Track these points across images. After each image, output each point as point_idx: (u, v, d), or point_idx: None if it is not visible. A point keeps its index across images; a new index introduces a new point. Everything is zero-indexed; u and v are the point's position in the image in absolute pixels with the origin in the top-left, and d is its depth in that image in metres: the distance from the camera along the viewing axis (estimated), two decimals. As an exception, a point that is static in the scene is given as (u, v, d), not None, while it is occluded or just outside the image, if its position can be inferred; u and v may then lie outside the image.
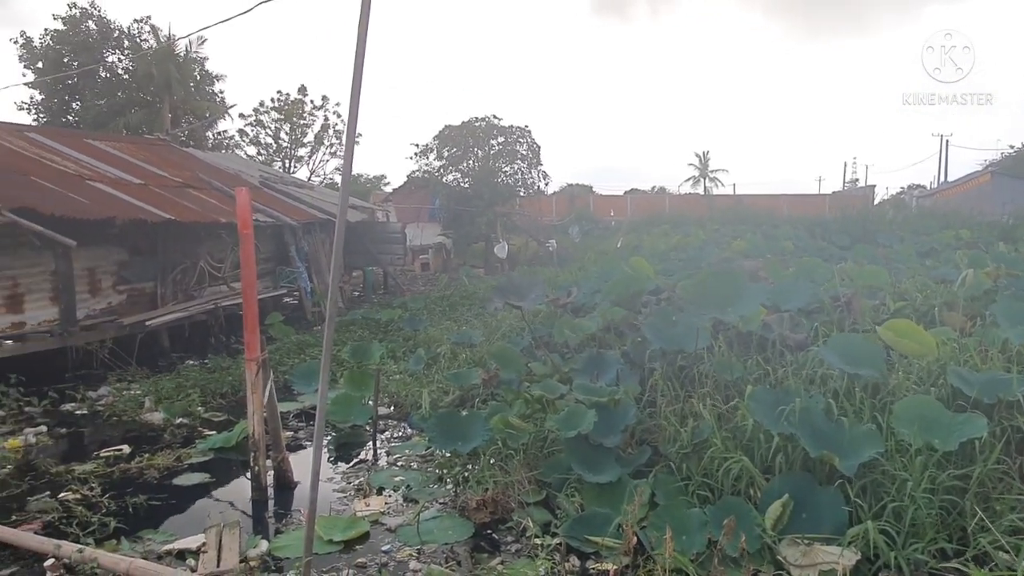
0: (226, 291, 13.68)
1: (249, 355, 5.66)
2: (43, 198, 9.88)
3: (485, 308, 13.68)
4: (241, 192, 5.75)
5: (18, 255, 9.70)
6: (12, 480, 6.14)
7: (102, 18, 30.18)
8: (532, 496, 5.34)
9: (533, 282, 9.22)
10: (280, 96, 39.41)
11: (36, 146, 12.97)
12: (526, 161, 26.64)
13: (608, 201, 43.29)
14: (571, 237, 29.35)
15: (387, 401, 8.52)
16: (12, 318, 9.68)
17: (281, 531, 5.25)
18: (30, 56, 29.25)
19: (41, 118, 29.82)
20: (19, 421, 8.05)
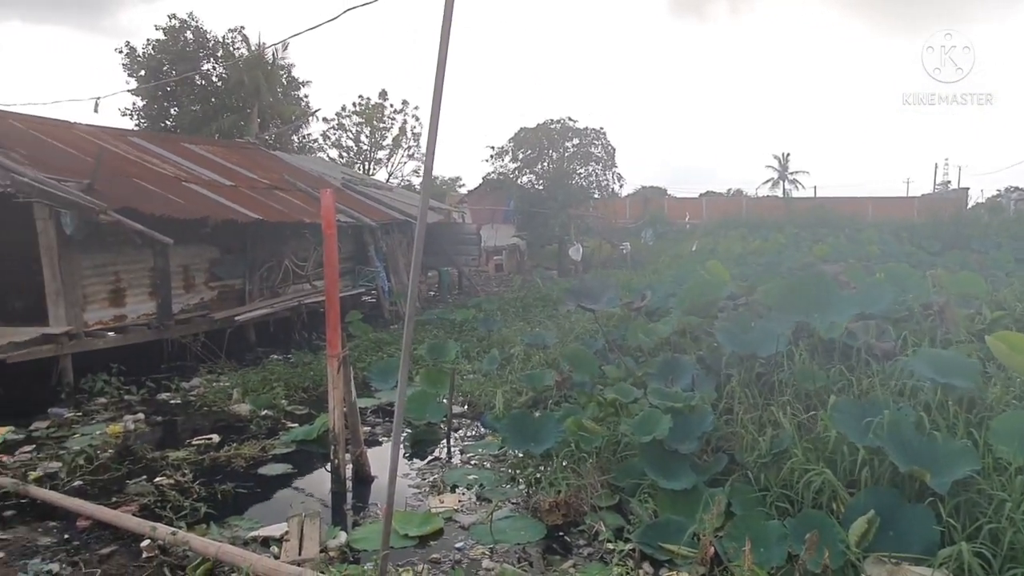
0: (308, 289, 14.16)
1: (331, 352, 5.86)
2: (144, 199, 10.50)
3: (558, 310, 13.69)
4: (326, 193, 5.95)
5: (121, 252, 10.34)
6: (113, 464, 6.52)
7: (199, 28, 31.78)
8: (605, 500, 5.31)
9: (606, 285, 9.17)
10: (361, 100, 40.54)
11: (138, 150, 13.79)
12: (601, 163, 26.48)
13: (683, 204, 42.52)
14: (645, 240, 29.00)
15: (461, 400, 8.64)
16: (114, 311, 10.32)
17: (359, 523, 5.39)
18: (133, 65, 31.07)
19: (142, 123, 31.63)
20: (119, 408, 8.57)
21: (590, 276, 18.23)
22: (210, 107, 31.61)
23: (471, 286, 20.35)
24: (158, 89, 30.03)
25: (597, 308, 8.46)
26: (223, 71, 31.51)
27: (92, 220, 9.15)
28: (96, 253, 9.96)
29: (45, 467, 6.34)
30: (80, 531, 5.05)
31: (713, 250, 20.35)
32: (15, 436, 7.30)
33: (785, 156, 58.22)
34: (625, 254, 25.77)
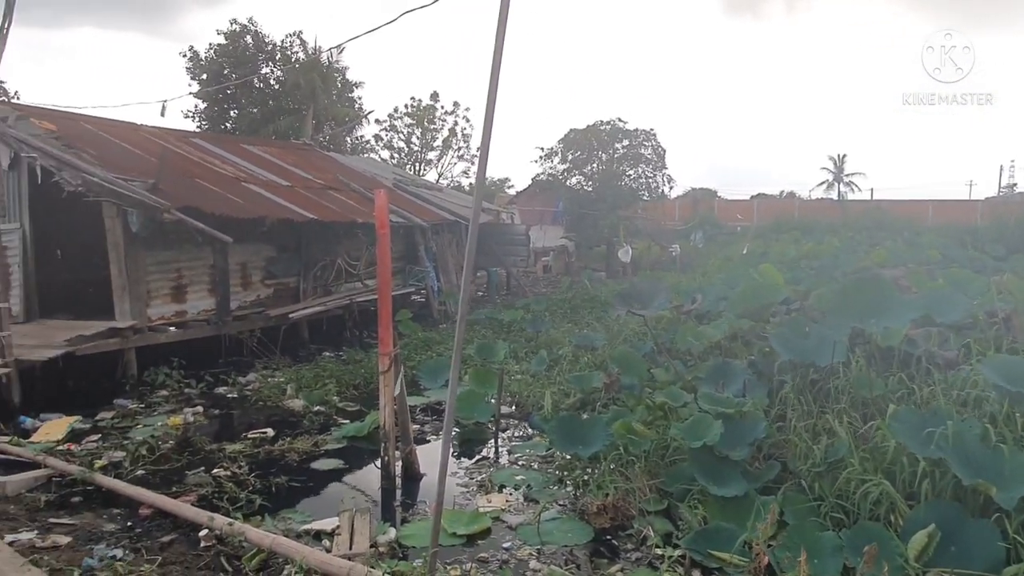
0: (360, 288, 14.41)
1: (382, 350, 5.95)
2: (205, 198, 10.84)
3: (607, 312, 13.64)
4: (380, 194, 6.05)
5: (183, 250, 10.70)
6: (173, 454, 6.72)
7: (258, 33, 32.66)
8: (653, 505, 5.27)
9: (657, 289, 9.09)
10: (413, 102, 41.08)
11: (200, 151, 14.24)
12: (650, 164, 26.28)
13: (733, 206, 41.82)
14: (694, 242, 28.63)
15: (509, 400, 8.66)
16: (176, 307, 10.69)
17: (408, 520, 5.47)
18: (196, 68, 32.13)
19: (203, 125, 32.66)
20: (180, 401, 8.87)
21: (639, 279, 18.09)
22: (268, 109, 32.48)
23: (519, 287, 20.40)
24: (219, 92, 30.96)
25: (647, 313, 8.37)
26: (280, 74, 32.33)
27: (156, 219, 9.49)
28: (159, 251, 10.34)
29: (110, 456, 6.60)
30: (142, 519, 5.24)
31: (764, 253, 19.96)
32: (82, 425, 7.62)
33: (841, 157, 56.46)
34: (674, 256, 25.49)
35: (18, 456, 6.40)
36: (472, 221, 3.74)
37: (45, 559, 4.25)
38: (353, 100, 36.19)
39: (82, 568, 4.20)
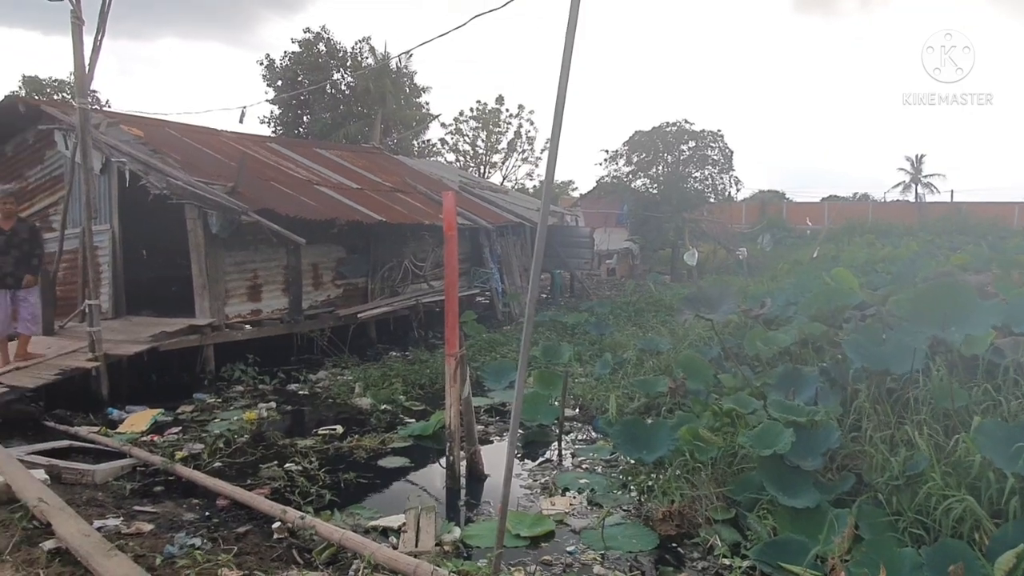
0: (426, 288, 14.62)
1: (449, 350, 6.03)
2: (280, 201, 11.21)
3: (672, 316, 13.45)
4: (448, 196, 6.13)
5: (259, 251, 11.10)
6: (248, 448, 6.99)
7: (330, 40, 33.63)
8: (720, 513, 5.17)
9: (725, 293, 8.89)
10: (479, 105, 41.48)
11: (275, 155, 14.75)
12: (717, 166, 25.75)
13: (803, 208, 40.57)
14: (762, 246, 27.92)
15: (573, 403, 8.65)
16: (252, 306, 11.09)
17: (472, 520, 5.52)
18: (271, 76, 33.32)
19: (278, 130, 33.84)
20: (254, 396, 9.20)
21: (705, 282, 17.78)
22: (339, 114, 33.39)
23: (583, 289, 20.33)
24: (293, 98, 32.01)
25: (716, 318, 8.21)
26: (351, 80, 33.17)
27: (235, 220, 9.87)
28: (237, 251, 10.75)
29: (190, 448, 6.88)
30: (219, 509, 5.43)
31: (836, 257, 19.28)
32: (164, 418, 7.99)
33: (919, 158, 54.09)
34: (741, 260, 24.94)
35: (106, 446, 6.76)
36: (540, 224, 3.76)
37: (130, 545, 4.45)
38: (420, 104, 36.82)
39: (164, 555, 4.38)
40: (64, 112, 11.06)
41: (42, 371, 8.15)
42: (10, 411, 7.57)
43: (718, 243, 27.57)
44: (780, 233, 32.10)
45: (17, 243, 8.17)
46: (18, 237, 8.18)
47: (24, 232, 8.26)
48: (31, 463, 5.75)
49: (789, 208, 40.71)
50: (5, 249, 8.11)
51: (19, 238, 8.18)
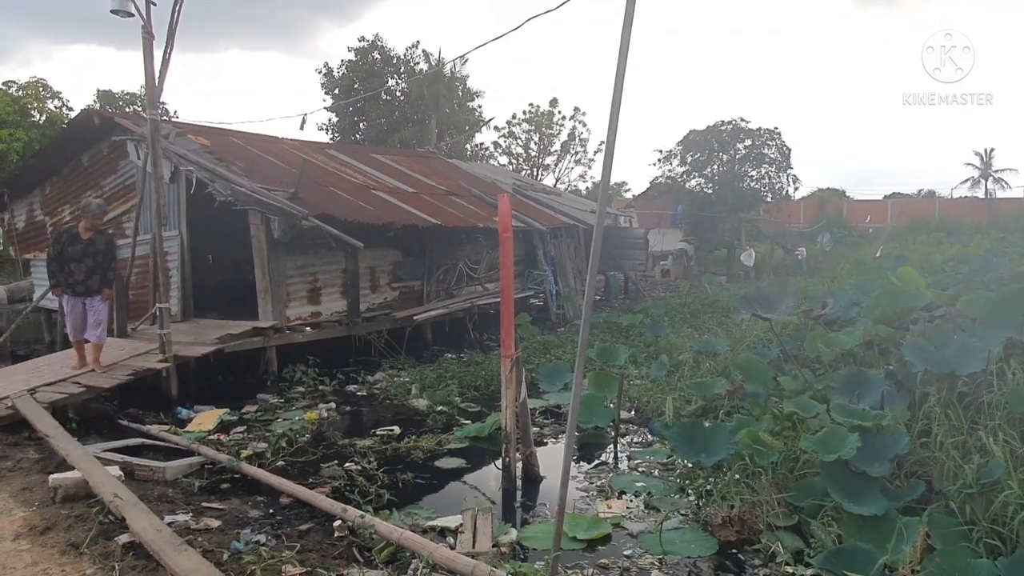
0: (480, 291, 14.73)
1: (504, 352, 6.06)
2: (338, 206, 11.46)
3: (729, 317, 13.20)
4: (503, 198, 6.17)
5: (318, 255, 11.37)
6: (309, 447, 7.15)
7: (384, 48, 34.23)
8: (782, 519, 5.05)
9: (784, 292, 8.68)
10: (531, 108, 41.55)
11: (334, 161, 15.08)
12: (774, 165, 25.15)
13: (864, 206, 39.32)
14: (821, 245, 27.13)
15: (628, 405, 8.58)
16: (312, 308, 11.37)
17: (528, 522, 5.52)
18: (329, 84, 34.11)
19: (336, 136, 34.62)
20: (314, 397, 9.42)
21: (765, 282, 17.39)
22: (393, 120, 33.95)
23: (637, 291, 20.14)
24: (349, 105, 32.67)
25: (774, 317, 8.03)
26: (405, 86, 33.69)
27: (296, 225, 10.13)
28: (298, 255, 11.03)
29: (254, 447, 7.07)
30: (283, 507, 5.57)
31: (901, 256, 18.62)
32: (230, 417, 8.25)
33: (988, 152, 51.51)
34: (800, 260, 24.30)
35: (175, 444, 7.02)
36: (597, 225, 3.75)
37: (199, 540, 4.59)
38: (473, 109, 37.12)
39: (231, 551, 4.51)
40: (135, 123, 11.55)
41: (116, 372, 8.53)
42: (87, 410, 7.94)
43: (775, 243, 26.94)
44: (840, 232, 31.15)
45: (92, 253, 8.39)
46: (94, 247, 8.40)
47: (100, 243, 8.48)
48: (107, 460, 6.01)
49: (849, 206, 39.53)
50: (80, 258, 8.33)
51: (94, 248, 8.40)
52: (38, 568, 4.13)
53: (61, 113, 28.24)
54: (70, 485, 5.22)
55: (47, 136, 23.85)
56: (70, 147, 12.91)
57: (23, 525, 4.73)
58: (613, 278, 19.76)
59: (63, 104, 29.21)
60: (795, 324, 9.93)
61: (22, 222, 14.47)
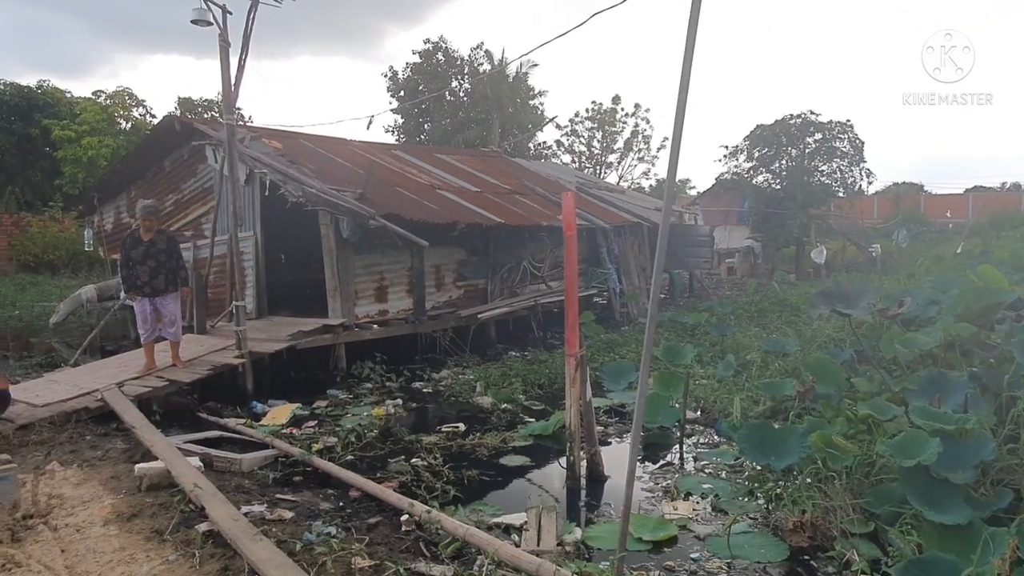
0: (544, 289, 14.75)
1: (569, 350, 6.05)
2: (404, 205, 11.67)
3: (804, 315, 12.85)
4: (568, 196, 6.16)
5: (385, 254, 11.60)
6: (376, 443, 7.29)
7: (448, 50, 34.64)
8: (857, 526, 4.88)
9: (863, 289, 8.39)
10: (594, 106, 41.30)
11: (400, 162, 15.36)
12: (846, 159, 24.24)
13: (943, 201, 37.50)
14: (897, 242, 26.03)
15: (694, 405, 8.44)
16: (379, 306, 11.62)
17: (593, 521, 5.51)
18: (395, 86, 34.74)
19: (401, 137, 35.25)
20: (382, 393, 9.61)
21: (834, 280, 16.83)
22: (457, 120, 34.35)
23: (703, 289, 19.79)
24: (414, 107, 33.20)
25: (855, 314, 7.75)
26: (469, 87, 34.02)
27: (364, 225, 10.36)
28: (365, 254, 11.29)
29: (325, 441, 7.27)
30: (352, 500, 5.70)
31: (984, 252, 17.69)
32: (302, 412, 8.50)
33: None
34: (874, 257, 23.39)
35: (251, 437, 7.28)
36: (663, 223, 3.71)
37: (272, 531, 4.73)
38: (536, 108, 37.17)
39: (303, 541, 4.64)
40: (213, 129, 12.03)
41: (196, 367, 8.91)
42: (170, 403, 8.32)
43: (848, 239, 26.01)
44: (917, 228, 29.85)
45: (153, 253, 8.49)
46: (155, 248, 8.51)
47: (161, 243, 8.58)
48: (187, 451, 6.29)
49: (927, 201, 37.81)
50: (143, 259, 8.47)
51: (155, 248, 8.51)
52: (125, 553, 4.36)
53: (145, 120, 29.68)
54: (154, 474, 5.49)
55: (132, 142, 25.11)
56: (153, 152, 13.56)
57: (111, 512, 4.99)
58: (678, 276, 19.47)
59: (147, 112, 30.73)
60: (869, 323, 9.58)
61: (110, 224, 15.27)
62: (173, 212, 13.38)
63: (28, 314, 16.77)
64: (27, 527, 4.72)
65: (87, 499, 5.25)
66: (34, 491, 5.37)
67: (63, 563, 4.23)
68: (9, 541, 4.49)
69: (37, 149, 27.87)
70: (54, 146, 26.53)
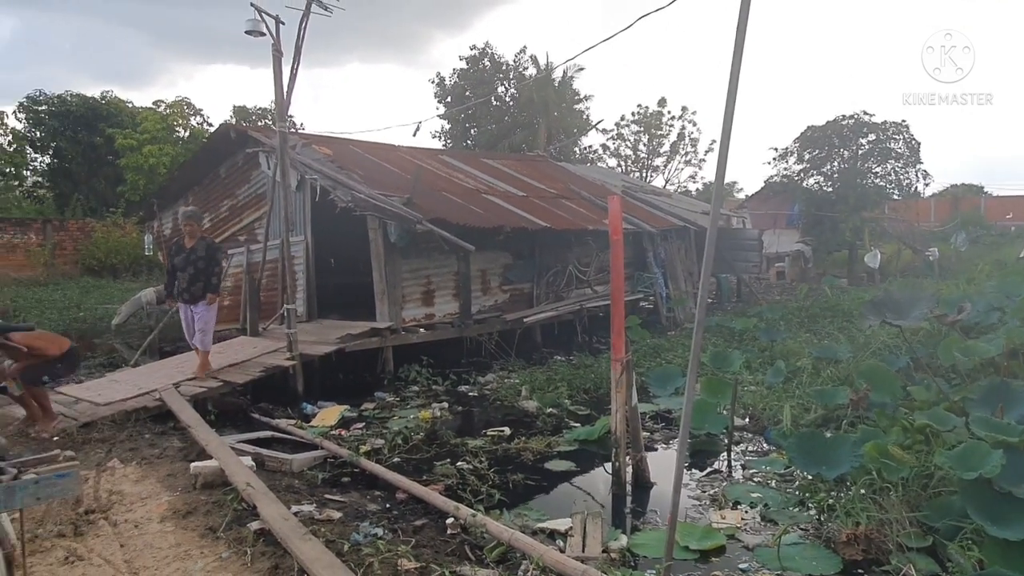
0: (590, 294, 14.69)
1: (615, 355, 6.01)
2: (451, 210, 11.78)
3: (856, 321, 12.49)
4: (614, 200, 6.13)
5: (432, 258, 11.73)
6: (423, 445, 7.36)
7: (494, 55, 34.87)
8: (914, 540, 4.71)
9: (916, 296, 8.11)
10: (640, 109, 41.02)
11: (446, 166, 15.51)
12: (901, 160, 23.52)
13: (1006, 203, 36.07)
14: (955, 245, 25.11)
15: (742, 412, 8.30)
16: (426, 310, 11.74)
17: (639, 528, 5.45)
18: (442, 92, 35.14)
19: (448, 143, 35.58)
20: (428, 396, 9.70)
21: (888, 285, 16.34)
22: (503, 125, 34.54)
23: (751, 294, 19.44)
24: (461, 112, 33.50)
25: (906, 324, 7.50)
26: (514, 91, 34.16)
27: (411, 230, 10.50)
28: (413, 259, 11.43)
29: (372, 443, 7.37)
30: (398, 502, 5.75)
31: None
32: (350, 414, 8.65)
33: None
34: (931, 261, 22.62)
35: (301, 437, 7.44)
36: (711, 227, 3.68)
37: (321, 530, 4.80)
38: (581, 112, 37.11)
39: (351, 542, 4.71)
40: (266, 136, 12.34)
41: (249, 368, 9.15)
42: (224, 403, 8.56)
43: (903, 243, 25.22)
44: (977, 231, 28.75)
45: (193, 260, 8.59)
46: (195, 255, 8.60)
47: (201, 250, 8.65)
48: (240, 450, 6.45)
49: (988, 203, 36.42)
50: (183, 266, 8.61)
51: (195, 256, 8.60)
52: (180, 549, 4.50)
53: (202, 128, 30.64)
54: (208, 473, 5.65)
55: (190, 150, 25.95)
56: (209, 160, 13.98)
57: (168, 509, 5.16)
58: (725, 281, 19.18)
59: (204, 120, 31.72)
60: (926, 330, 9.29)
61: (168, 229, 15.79)
62: (228, 217, 13.76)
63: (92, 316, 17.44)
64: (89, 522, 4.91)
65: (145, 496, 5.43)
66: (96, 487, 5.58)
67: (122, 557, 4.39)
68: (72, 535, 4.68)
69: (101, 157, 29.04)
70: (117, 154, 27.61)
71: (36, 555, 4.33)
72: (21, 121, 29.19)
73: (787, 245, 26.24)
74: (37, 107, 28.96)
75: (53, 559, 4.31)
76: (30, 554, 4.30)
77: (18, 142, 28.88)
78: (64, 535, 4.66)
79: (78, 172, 29.23)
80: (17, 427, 7.12)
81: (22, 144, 29.12)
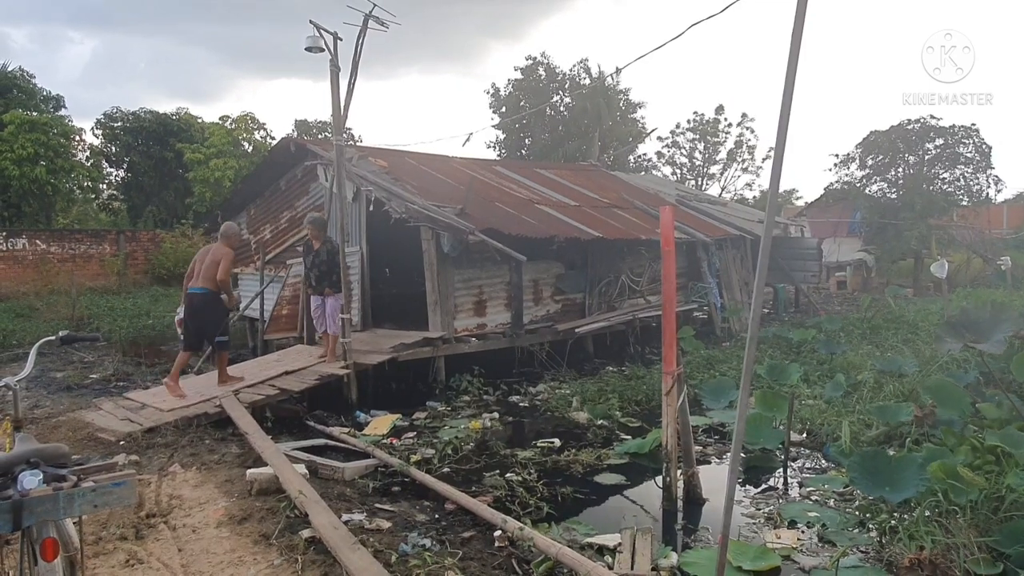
0: (642, 304, 14.52)
1: (666, 368, 5.92)
2: (503, 220, 11.83)
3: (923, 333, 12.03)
4: (665, 211, 6.05)
5: (484, 268, 11.79)
6: (472, 456, 7.37)
7: (549, 65, 34.98)
8: (983, 567, 4.48)
9: (999, 316, 7.53)
10: (696, 116, 40.52)
11: (499, 177, 15.59)
12: (971, 165, 22.52)
13: (1087, 209, 34.13)
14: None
15: (799, 427, 8.06)
16: (477, 320, 11.80)
17: (689, 546, 5.33)
18: (496, 103, 35.41)
19: (502, 153, 35.81)
20: (479, 406, 9.73)
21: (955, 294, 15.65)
22: (557, 135, 34.58)
23: (809, 304, 18.89)
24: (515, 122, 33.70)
25: (988, 348, 7.05)
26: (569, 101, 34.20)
27: (464, 240, 10.58)
28: (465, 269, 11.51)
29: (423, 452, 7.42)
30: (447, 513, 5.75)
31: None
32: (402, 423, 8.74)
33: None
34: (1003, 270, 21.57)
35: (353, 446, 7.53)
36: (764, 236, 3.58)
37: (370, 540, 4.83)
38: (635, 120, 36.88)
39: (399, 553, 4.73)
40: (324, 149, 12.64)
41: (305, 376, 9.35)
42: (281, 410, 8.78)
43: (973, 252, 24.13)
44: (1053, 238, 27.36)
45: (319, 263, 10.01)
46: (319, 257, 10.01)
47: (324, 252, 10.00)
48: (294, 458, 6.58)
49: (1064, 209, 34.57)
50: (312, 265, 10.10)
51: (319, 259, 10.01)
52: (235, 555, 4.61)
53: (265, 142, 31.62)
54: (263, 480, 5.79)
55: (253, 163, 26.78)
56: (270, 173, 14.40)
57: (224, 514, 5.30)
58: (782, 290, 18.70)
59: (267, 134, 32.71)
60: (1000, 344, 8.84)
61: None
62: (287, 228, 14.13)
63: (160, 324, 18.10)
64: (150, 525, 5.08)
65: (203, 501, 5.59)
66: (158, 491, 5.78)
67: (180, 562, 4.53)
68: (134, 538, 4.85)
69: (171, 171, 30.26)
70: (186, 167, 28.72)
71: (99, 557, 4.51)
72: (98, 137, 30.68)
73: (848, 254, 25.46)
74: (113, 124, 30.38)
75: (115, 562, 4.48)
76: (94, 556, 4.49)
77: (95, 157, 30.31)
78: (126, 538, 4.83)
79: (150, 185, 30.51)
80: (94, 431, 7.45)
81: (99, 159, 30.56)
